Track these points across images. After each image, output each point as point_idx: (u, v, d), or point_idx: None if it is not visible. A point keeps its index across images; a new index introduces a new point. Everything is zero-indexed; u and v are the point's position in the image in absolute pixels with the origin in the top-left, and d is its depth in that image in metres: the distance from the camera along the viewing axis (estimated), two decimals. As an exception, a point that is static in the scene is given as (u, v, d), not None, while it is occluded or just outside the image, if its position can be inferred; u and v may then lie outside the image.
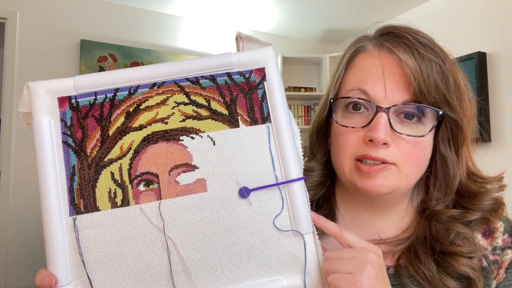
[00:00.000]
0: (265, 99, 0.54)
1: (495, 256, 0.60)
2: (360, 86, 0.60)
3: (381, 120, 0.56)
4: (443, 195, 0.63)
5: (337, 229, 0.52)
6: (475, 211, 0.61)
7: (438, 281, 0.57)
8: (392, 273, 0.61)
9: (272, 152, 0.53)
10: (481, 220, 0.62)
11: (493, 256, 0.60)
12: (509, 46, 2.71)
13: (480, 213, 0.61)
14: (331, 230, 0.52)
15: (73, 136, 0.50)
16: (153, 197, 0.50)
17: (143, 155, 0.50)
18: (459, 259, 0.57)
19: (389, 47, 0.60)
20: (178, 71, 0.52)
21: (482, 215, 0.61)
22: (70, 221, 0.48)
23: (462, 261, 0.57)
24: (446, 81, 0.58)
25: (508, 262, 0.59)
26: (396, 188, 0.59)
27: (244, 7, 3.44)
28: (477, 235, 0.61)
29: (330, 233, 0.52)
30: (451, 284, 0.56)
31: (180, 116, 0.52)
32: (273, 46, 0.55)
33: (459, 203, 0.63)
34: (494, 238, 0.61)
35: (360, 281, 0.46)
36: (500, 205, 0.63)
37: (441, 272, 0.57)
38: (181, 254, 0.49)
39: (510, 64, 2.71)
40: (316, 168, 0.70)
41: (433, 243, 0.60)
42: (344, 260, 0.49)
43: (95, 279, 0.48)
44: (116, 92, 0.51)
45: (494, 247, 0.60)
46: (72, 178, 0.49)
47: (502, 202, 0.64)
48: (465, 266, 0.57)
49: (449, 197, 0.62)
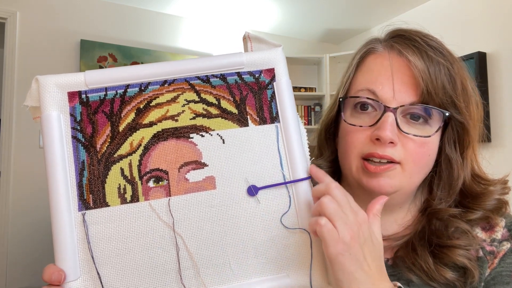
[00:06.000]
0: (274, 99, 0.54)
1: (492, 247, 0.60)
2: (369, 86, 0.61)
3: (388, 120, 0.58)
4: (446, 195, 0.63)
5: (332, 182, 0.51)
6: (477, 210, 0.62)
7: (435, 273, 0.57)
8: (390, 264, 0.62)
9: (280, 151, 0.53)
10: (482, 217, 0.62)
11: (490, 247, 0.60)
12: (509, 46, 2.72)
13: (482, 212, 0.62)
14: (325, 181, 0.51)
15: (83, 131, 0.50)
16: (163, 194, 0.50)
17: (153, 151, 0.51)
18: (456, 250, 0.58)
19: (399, 49, 0.61)
20: (189, 69, 0.53)
21: (484, 214, 0.62)
22: (79, 216, 0.48)
23: (459, 252, 0.58)
24: (453, 83, 0.60)
25: (503, 253, 0.60)
26: (400, 187, 0.60)
27: (244, 7, 3.44)
28: (476, 229, 0.62)
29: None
30: (448, 274, 0.57)
31: (190, 114, 0.52)
32: (282, 47, 0.56)
33: (462, 203, 0.64)
34: (494, 232, 0.62)
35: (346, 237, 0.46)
36: (504, 204, 0.64)
37: (438, 264, 0.58)
38: (189, 250, 0.49)
39: (510, 64, 2.71)
40: (324, 166, 0.71)
41: (431, 237, 0.61)
42: (338, 209, 0.47)
43: (104, 274, 0.48)
44: (127, 88, 0.51)
45: (493, 239, 0.61)
46: (81, 173, 0.49)
47: (505, 202, 0.64)
48: (462, 256, 0.58)
49: (451, 197, 0.63)
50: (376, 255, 0.48)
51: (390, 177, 0.59)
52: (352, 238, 0.46)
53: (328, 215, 0.46)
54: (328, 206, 0.47)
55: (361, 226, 0.47)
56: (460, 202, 0.64)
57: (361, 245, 0.46)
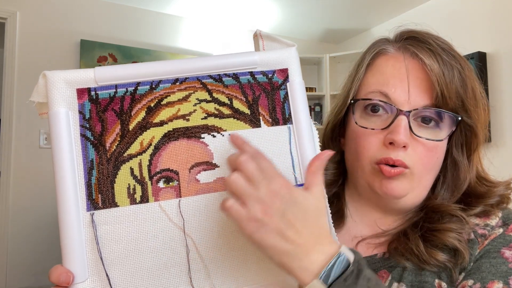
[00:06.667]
0: (287, 100, 0.53)
1: (484, 230, 0.60)
2: (381, 88, 0.61)
3: (402, 123, 0.57)
4: (449, 195, 0.64)
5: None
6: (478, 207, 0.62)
7: (426, 255, 0.57)
8: (387, 257, 0.62)
9: (293, 153, 0.52)
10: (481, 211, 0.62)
11: (482, 230, 0.60)
12: (509, 46, 2.72)
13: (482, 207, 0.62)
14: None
15: (92, 129, 0.49)
16: (173, 195, 0.49)
17: (163, 151, 0.50)
18: (447, 233, 0.58)
19: (413, 51, 0.60)
20: (201, 67, 0.52)
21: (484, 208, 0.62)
22: (87, 216, 0.47)
23: (450, 234, 0.57)
24: (465, 87, 0.59)
25: (494, 236, 0.59)
26: (410, 190, 0.60)
27: (244, 7, 3.44)
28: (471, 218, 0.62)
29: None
30: (439, 256, 0.57)
31: (202, 113, 0.51)
32: (296, 46, 0.55)
33: (464, 201, 0.64)
34: (489, 219, 0.61)
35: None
36: (506, 199, 0.64)
37: (428, 247, 0.58)
38: (200, 252, 0.49)
39: (510, 64, 2.72)
40: (329, 167, 0.71)
41: (424, 224, 0.61)
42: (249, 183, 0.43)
43: (113, 275, 0.47)
44: (138, 86, 0.50)
45: (486, 224, 0.61)
46: (90, 172, 0.48)
47: (508, 197, 0.64)
48: (452, 238, 0.57)
49: (455, 198, 0.63)
50: (307, 218, 0.44)
51: (401, 180, 0.59)
52: (265, 212, 0.42)
53: (237, 194, 0.43)
54: (236, 185, 0.43)
55: (277, 195, 0.43)
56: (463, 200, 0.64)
57: (280, 215, 0.42)
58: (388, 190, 0.59)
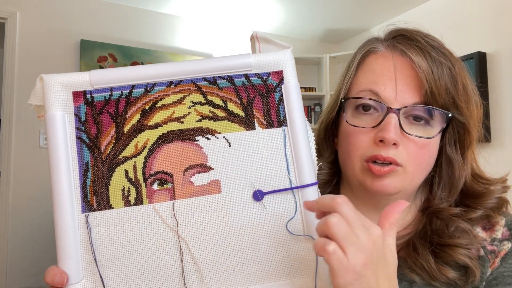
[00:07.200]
0: (282, 103, 0.53)
1: (493, 246, 0.60)
2: (371, 87, 0.61)
3: (392, 121, 0.57)
4: (447, 195, 0.64)
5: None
6: (478, 209, 0.62)
7: (436, 272, 0.57)
8: None
9: (287, 156, 0.52)
10: (482, 216, 0.63)
11: (491, 247, 0.60)
12: (509, 46, 2.72)
13: (483, 210, 0.62)
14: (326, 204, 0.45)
15: (87, 132, 0.50)
16: (167, 197, 0.49)
17: (158, 154, 0.50)
18: (457, 249, 0.58)
19: (402, 49, 0.61)
20: (196, 70, 0.52)
21: (484, 212, 0.62)
22: (82, 218, 0.48)
23: (460, 251, 0.58)
24: (455, 84, 0.60)
25: (504, 252, 0.60)
26: (402, 188, 0.60)
27: (244, 7, 3.44)
28: (476, 228, 0.62)
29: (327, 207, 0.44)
30: (449, 274, 0.57)
31: (196, 116, 0.51)
32: (292, 49, 0.55)
33: (463, 202, 0.64)
34: (494, 231, 0.62)
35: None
36: (504, 203, 0.64)
37: (439, 263, 0.58)
38: (193, 254, 0.49)
39: (510, 64, 2.71)
40: (323, 167, 0.71)
41: (432, 237, 0.60)
42: (349, 228, 0.41)
43: (107, 277, 0.47)
44: (132, 89, 0.51)
45: (493, 238, 0.61)
46: (85, 174, 0.49)
47: (506, 200, 0.64)
48: (463, 255, 0.57)
49: (453, 197, 0.64)
50: (390, 272, 0.43)
51: (393, 178, 0.59)
52: (365, 264, 0.40)
53: (338, 239, 0.40)
54: (338, 229, 0.40)
55: (374, 245, 0.41)
56: (461, 202, 0.64)
57: (374, 269, 0.41)
58: (379, 187, 0.59)
